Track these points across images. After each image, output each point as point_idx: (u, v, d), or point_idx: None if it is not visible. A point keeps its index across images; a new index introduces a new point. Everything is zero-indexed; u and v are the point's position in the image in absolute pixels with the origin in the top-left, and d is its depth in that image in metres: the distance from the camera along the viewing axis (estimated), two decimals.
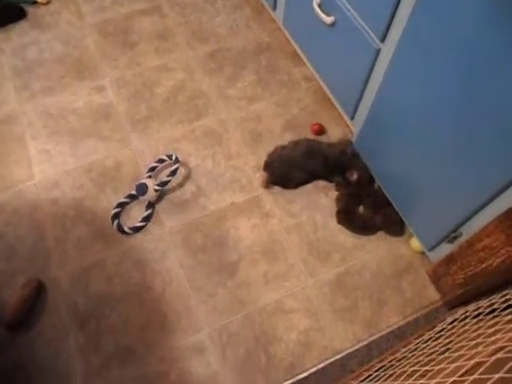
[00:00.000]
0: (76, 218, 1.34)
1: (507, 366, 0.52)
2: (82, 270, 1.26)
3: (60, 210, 1.35)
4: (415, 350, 1.04)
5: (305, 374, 1.16)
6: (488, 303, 0.99)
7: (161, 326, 1.20)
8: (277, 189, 1.42)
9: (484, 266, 1.05)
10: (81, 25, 1.75)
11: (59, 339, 1.17)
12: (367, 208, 1.39)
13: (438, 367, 0.76)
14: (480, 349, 0.70)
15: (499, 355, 0.58)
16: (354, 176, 1.37)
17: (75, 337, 1.18)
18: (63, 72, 1.62)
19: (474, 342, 0.77)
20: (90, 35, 1.72)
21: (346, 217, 1.37)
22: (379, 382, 0.94)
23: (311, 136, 1.52)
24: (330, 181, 1.43)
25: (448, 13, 0.84)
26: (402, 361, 0.99)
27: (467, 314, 1.04)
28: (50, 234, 1.31)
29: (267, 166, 1.41)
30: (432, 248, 1.21)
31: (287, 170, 1.39)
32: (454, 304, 1.21)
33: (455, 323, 1.05)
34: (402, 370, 0.91)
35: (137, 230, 1.32)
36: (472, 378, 0.58)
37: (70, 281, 1.25)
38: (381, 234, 1.36)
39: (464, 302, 1.17)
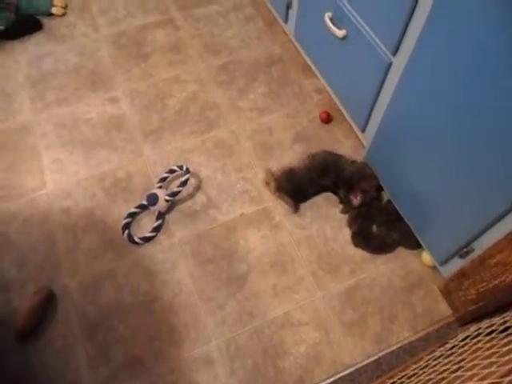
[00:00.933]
0: (87, 228, 1.35)
1: None
2: (93, 279, 1.27)
3: (71, 220, 1.36)
4: (426, 366, 1.02)
5: None
6: (501, 320, 0.97)
7: (169, 336, 1.20)
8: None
9: (497, 282, 1.03)
10: (96, 37, 1.78)
11: (68, 348, 1.18)
12: (381, 225, 1.36)
13: None
14: (493, 368, 0.69)
15: None
16: (358, 198, 1.35)
17: (84, 346, 1.18)
18: (77, 83, 1.65)
19: (488, 361, 0.75)
20: (105, 47, 1.75)
21: (363, 239, 1.34)
22: None
23: (321, 129, 1.55)
24: (337, 194, 1.42)
25: (460, 26, 0.84)
26: (413, 378, 0.98)
27: (480, 330, 1.02)
28: (61, 243, 1.32)
29: (280, 188, 1.41)
30: (443, 263, 1.20)
31: (301, 188, 1.39)
32: (466, 320, 1.19)
33: (467, 340, 1.03)
34: None
35: (147, 240, 1.33)
36: None
37: (81, 290, 1.25)
38: None
39: (476, 318, 1.15)
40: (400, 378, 1.05)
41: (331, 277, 1.30)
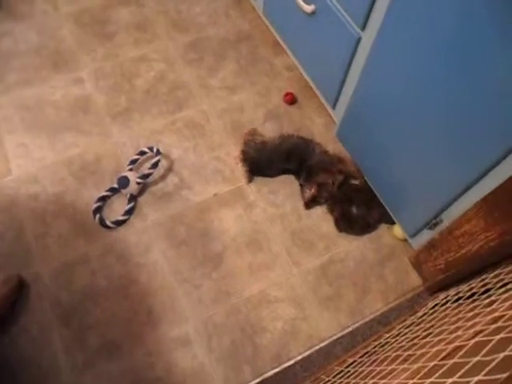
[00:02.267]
0: (57, 213, 1.32)
1: (485, 350, 0.53)
2: (65, 265, 1.25)
3: (40, 206, 1.33)
4: (398, 335, 1.06)
5: (291, 362, 1.17)
6: (468, 288, 1.01)
7: (146, 319, 1.20)
8: (260, 179, 1.41)
9: (464, 251, 1.07)
10: (56, 15, 1.71)
11: (44, 335, 1.16)
12: (360, 206, 1.35)
13: (420, 352, 0.78)
14: (460, 332, 0.71)
15: (477, 339, 0.59)
16: (311, 191, 1.35)
17: (60, 333, 1.17)
18: (39, 63, 1.58)
19: (454, 326, 0.78)
20: (66, 25, 1.68)
21: (346, 223, 1.34)
22: (363, 367, 0.96)
23: (292, 106, 1.56)
24: (299, 178, 1.41)
25: (426, 2, 0.84)
26: (386, 346, 1.01)
27: (448, 298, 1.06)
28: (29, 229, 1.29)
29: (245, 157, 1.41)
30: (414, 235, 1.23)
31: (263, 164, 1.40)
32: (435, 289, 1.23)
33: (436, 308, 1.07)
34: (386, 355, 0.92)
35: (119, 223, 1.31)
36: (452, 361, 0.59)
37: (53, 276, 1.23)
38: None
39: (445, 287, 1.19)
40: (374, 347, 1.08)
41: (306, 253, 1.31)
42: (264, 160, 1.39)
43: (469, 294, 0.97)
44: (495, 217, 0.93)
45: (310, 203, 1.37)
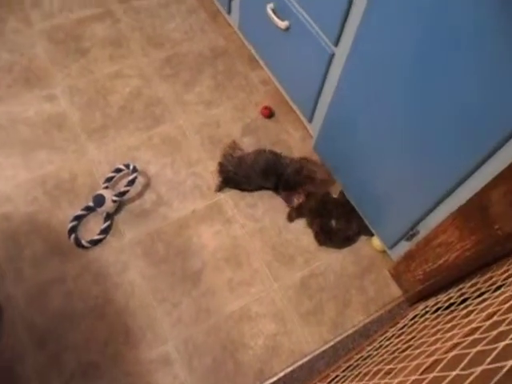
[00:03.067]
0: (30, 234, 1.28)
1: (463, 363, 0.53)
2: (39, 287, 1.21)
3: (12, 226, 1.29)
4: (380, 347, 1.06)
5: (274, 379, 1.15)
6: (446, 297, 1.02)
7: (125, 339, 1.17)
8: (238, 194, 1.41)
9: (441, 261, 1.08)
10: (29, 32, 1.68)
11: (17, 359, 1.12)
12: (339, 219, 1.36)
13: (401, 365, 0.78)
14: (439, 345, 0.72)
15: (456, 352, 0.59)
16: (296, 201, 1.36)
17: (34, 357, 1.12)
18: (10, 81, 1.55)
19: (434, 338, 0.79)
20: (40, 43, 1.66)
21: (326, 237, 1.34)
22: (346, 382, 0.95)
23: (269, 120, 1.57)
24: (278, 194, 1.41)
25: (399, 16, 0.86)
26: (367, 360, 1.01)
27: (427, 309, 1.07)
28: (2, 250, 1.25)
29: (222, 169, 1.41)
30: (392, 246, 1.24)
31: (241, 179, 1.40)
32: (415, 300, 1.24)
33: (416, 319, 1.07)
34: (368, 369, 0.92)
35: (95, 243, 1.28)
36: (431, 375, 0.59)
37: (27, 299, 1.19)
38: None
39: (424, 297, 1.20)
40: (356, 361, 1.08)
41: (286, 267, 1.31)
42: (242, 175, 1.38)
43: (447, 304, 0.98)
44: (470, 227, 0.95)
45: (293, 215, 1.37)
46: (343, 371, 1.06)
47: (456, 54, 0.77)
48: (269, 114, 1.55)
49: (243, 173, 1.38)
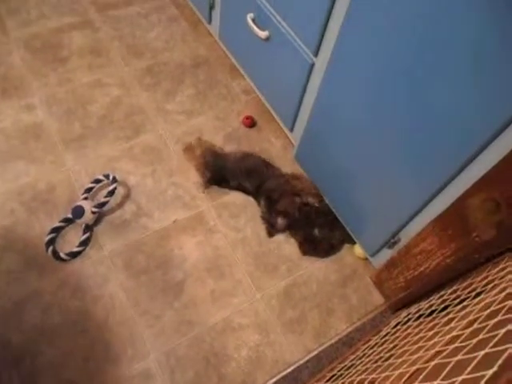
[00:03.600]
0: (6, 247, 1.24)
1: (444, 373, 0.54)
2: (15, 303, 1.17)
3: None
4: (363, 356, 1.05)
5: None
6: (427, 304, 1.03)
7: (105, 355, 1.14)
8: (220, 203, 1.40)
9: (422, 268, 1.09)
10: (5, 40, 1.65)
11: None
12: (322, 228, 1.35)
13: (384, 374, 0.78)
14: (421, 353, 0.72)
15: (437, 361, 0.60)
16: (280, 224, 1.35)
17: (9, 378, 1.08)
18: None
19: (416, 346, 0.79)
20: (16, 51, 1.63)
21: (310, 247, 1.34)
22: None
23: (251, 129, 1.57)
24: (258, 202, 1.41)
25: (379, 25, 0.87)
26: (351, 369, 1.01)
27: (409, 316, 1.07)
28: None
29: (206, 164, 1.41)
30: (374, 254, 1.25)
31: (225, 174, 1.40)
32: (397, 307, 1.25)
33: (399, 326, 1.08)
34: (351, 379, 0.92)
35: (74, 255, 1.25)
36: None
37: (2, 316, 1.15)
38: None
39: (407, 304, 1.21)
40: (339, 370, 1.07)
41: (269, 277, 1.30)
42: (224, 170, 1.39)
43: (429, 311, 0.99)
44: (449, 234, 0.96)
45: (273, 231, 1.36)
46: (327, 381, 1.06)
47: (435, 61, 0.78)
48: (251, 123, 1.55)
49: (227, 168, 1.39)
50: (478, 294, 0.81)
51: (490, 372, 0.46)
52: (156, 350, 1.16)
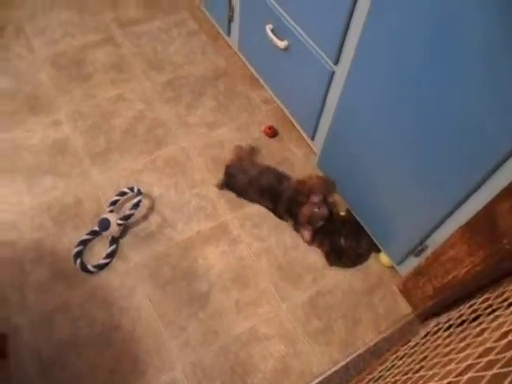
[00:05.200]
0: (35, 260, 1.28)
1: None
2: (44, 314, 1.20)
3: (17, 253, 1.28)
4: (392, 367, 1.03)
5: None
6: (458, 314, 1.00)
7: (132, 367, 1.15)
8: (243, 213, 1.40)
9: (450, 277, 1.07)
10: (32, 58, 1.71)
11: None
12: (348, 237, 1.33)
13: None
14: (452, 366, 0.70)
15: (470, 374, 0.58)
16: (307, 233, 1.33)
17: None
18: (14, 108, 1.57)
19: (447, 359, 0.77)
20: (43, 69, 1.68)
21: (337, 257, 1.32)
22: None
23: (272, 139, 1.57)
24: (281, 218, 1.39)
25: (399, 32, 0.87)
26: (380, 381, 0.99)
27: (439, 326, 1.05)
28: (7, 279, 1.24)
29: (227, 172, 1.42)
30: (400, 262, 1.22)
31: (240, 189, 1.41)
32: (425, 316, 1.22)
33: (428, 337, 1.05)
34: None
35: (101, 267, 1.27)
36: None
37: (32, 328, 1.18)
38: None
39: (436, 313, 1.18)
40: (367, 382, 1.05)
41: (293, 287, 1.29)
42: (242, 184, 1.39)
43: (459, 321, 0.96)
44: (478, 241, 0.94)
45: (312, 240, 1.35)
46: None
47: (461, 66, 0.77)
48: (272, 133, 1.56)
49: (243, 182, 1.39)
50: (511, 304, 0.79)
51: None
52: (182, 361, 1.16)
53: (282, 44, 1.29)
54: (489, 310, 0.86)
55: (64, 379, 1.12)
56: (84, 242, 1.30)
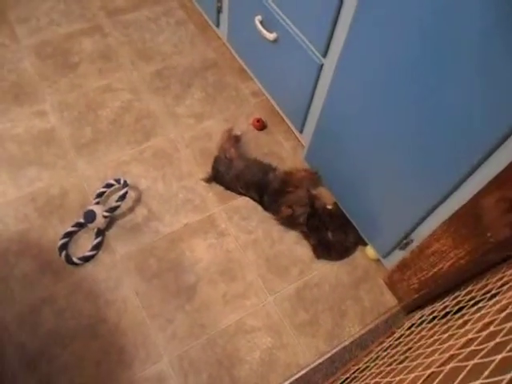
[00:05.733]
0: (20, 252, 1.26)
1: (461, 376, 0.53)
2: (30, 307, 1.19)
3: (2, 245, 1.27)
4: (377, 358, 1.05)
5: None
6: (442, 306, 1.02)
7: (118, 359, 1.15)
8: (231, 206, 1.40)
9: (435, 270, 1.08)
10: (16, 47, 1.67)
11: None
12: (335, 231, 1.34)
13: (398, 378, 0.77)
14: (436, 356, 0.71)
15: (453, 364, 0.59)
16: (285, 211, 1.34)
17: (24, 380, 1.10)
18: None
19: (431, 349, 0.78)
20: (27, 58, 1.65)
21: (324, 250, 1.33)
22: None
23: (260, 132, 1.57)
24: (267, 210, 1.40)
25: (388, 24, 0.87)
26: (365, 372, 1.00)
27: (423, 318, 1.06)
28: None
29: (214, 165, 1.43)
30: (386, 255, 1.24)
31: (228, 182, 1.41)
32: (411, 308, 1.24)
33: (413, 328, 1.07)
34: (365, 382, 0.91)
35: (87, 259, 1.26)
36: None
37: (17, 321, 1.17)
38: None
39: (420, 305, 1.19)
40: (353, 373, 1.07)
41: (280, 279, 1.30)
42: (230, 179, 1.40)
43: (443, 312, 0.98)
44: (463, 234, 0.95)
45: (306, 231, 1.35)
46: None
47: (450, 59, 0.77)
48: (261, 126, 1.55)
49: (230, 176, 1.39)
50: (494, 296, 0.80)
51: (508, 377, 0.45)
52: (169, 354, 1.16)
53: (270, 36, 1.28)
54: (472, 302, 0.88)
55: (50, 371, 1.11)
56: (69, 234, 1.29)
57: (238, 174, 1.38)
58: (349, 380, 1.04)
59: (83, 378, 1.11)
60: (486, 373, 0.48)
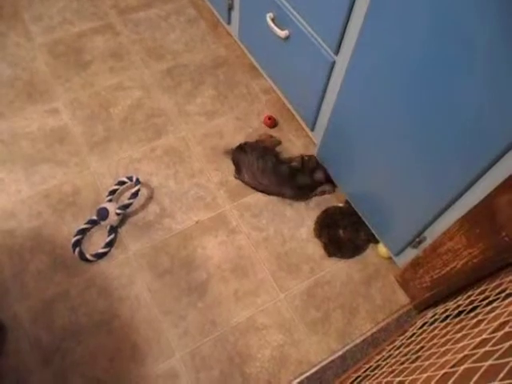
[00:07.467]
0: (35, 249, 1.28)
1: (475, 378, 0.52)
2: (44, 303, 1.20)
3: (17, 242, 1.28)
4: (388, 357, 1.04)
5: None
6: (455, 305, 1.01)
7: (131, 354, 1.16)
8: (242, 203, 1.40)
9: (448, 268, 1.07)
10: (30, 46, 1.69)
11: (23, 379, 1.11)
12: (346, 228, 1.34)
13: (411, 377, 0.76)
14: (449, 357, 0.71)
15: (467, 365, 0.58)
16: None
17: (40, 375, 1.11)
18: (12, 96, 1.55)
19: (444, 349, 0.77)
20: (41, 56, 1.67)
21: (335, 248, 1.33)
22: None
23: (271, 129, 1.58)
24: (283, 195, 1.42)
25: (401, 22, 0.86)
26: (376, 370, 1.00)
27: (436, 316, 1.05)
28: (6, 267, 1.24)
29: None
30: (398, 253, 1.23)
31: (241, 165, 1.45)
32: (423, 307, 1.23)
33: (425, 327, 1.06)
34: (377, 380, 0.91)
35: (100, 256, 1.27)
36: None
37: (32, 316, 1.18)
38: None
39: (433, 304, 1.18)
40: (364, 371, 1.06)
41: (292, 277, 1.30)
42: (241, 164, 1.43)
43: (456, 311, 0.97)
44: (477, 233, 0.94)
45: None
46: (352, 382, 1.05)
47: (463, 58, 0.76)
48: (272, 123, 1.55)
49: (243, 162, 1.43)
50: (508, 295, 0.79)
51: None
52: (181, 350, 1.17)
53: (282, 33, 1.28)
54: (486, 302, 0.87)
55: (64, 367, 1.13)
56: (83, 231, 1.30)
57: (251, 164, 1.41)
58: (360, 378, 1.04)
59: (97, 373, 1.13)
60: (502, 375, 0.48)
